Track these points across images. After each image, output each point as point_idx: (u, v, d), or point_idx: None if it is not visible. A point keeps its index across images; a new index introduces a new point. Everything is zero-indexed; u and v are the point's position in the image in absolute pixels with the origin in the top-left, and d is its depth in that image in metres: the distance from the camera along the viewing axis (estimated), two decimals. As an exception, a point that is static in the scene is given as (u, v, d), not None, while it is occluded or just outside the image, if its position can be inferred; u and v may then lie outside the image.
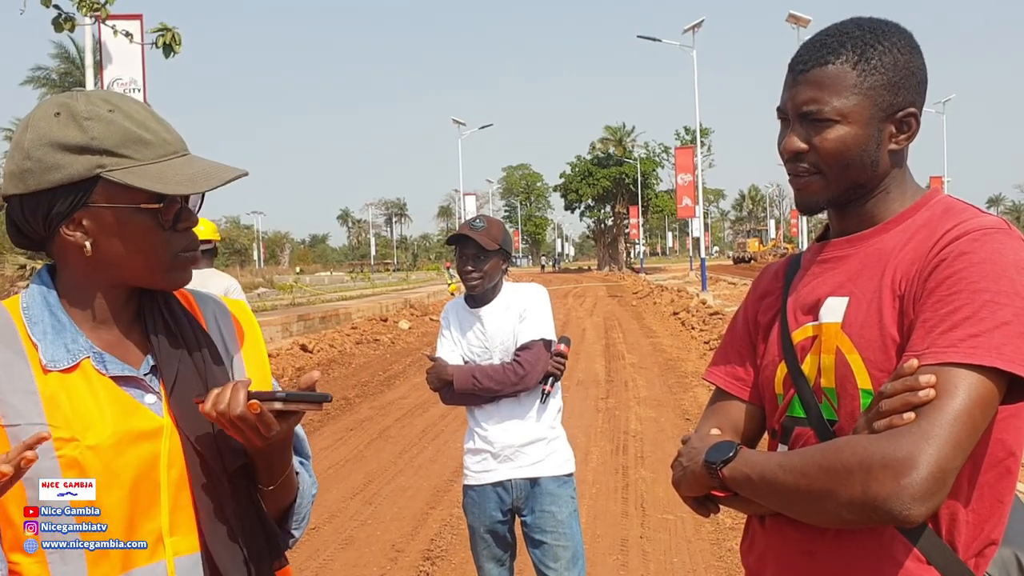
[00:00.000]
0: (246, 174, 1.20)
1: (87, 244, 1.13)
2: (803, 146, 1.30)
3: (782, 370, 1.37)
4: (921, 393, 1.10)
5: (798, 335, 1.36)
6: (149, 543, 1.14)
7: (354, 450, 7.57)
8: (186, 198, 1.18)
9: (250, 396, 1.12)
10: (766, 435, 1.46)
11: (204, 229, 5.21)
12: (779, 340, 1.39)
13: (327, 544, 5.08)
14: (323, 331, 17.81)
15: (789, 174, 1.35)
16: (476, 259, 2.95)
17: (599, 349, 14.37)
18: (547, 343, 2.99)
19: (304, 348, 14.42)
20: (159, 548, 1.14)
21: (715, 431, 1.42)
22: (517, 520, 3.07)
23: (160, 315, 1.23)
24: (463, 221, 2.95)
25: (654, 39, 30.90)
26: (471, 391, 2.94)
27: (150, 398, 1.17)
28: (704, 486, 1.32)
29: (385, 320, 20.31)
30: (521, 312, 2.99)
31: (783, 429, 1.37)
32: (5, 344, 1.11)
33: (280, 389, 1.20)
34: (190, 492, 1.17)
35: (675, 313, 19.69)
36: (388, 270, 78.93)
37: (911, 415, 1.10)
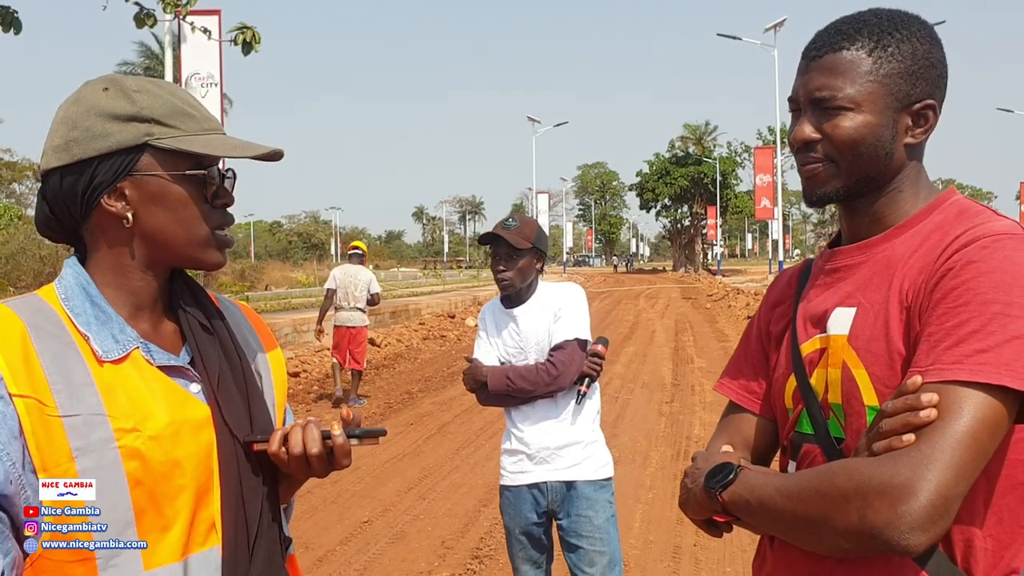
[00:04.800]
0: (281, 153, 1.22)
1: (128, 215, 1.14)
2: (815, 134, 1.23)
3: (792, 384, 1.31)
4: (922, 413, 1.02)
5: (807, 347, 1.29)
6: (202, 530, 1.15)
7: (412, 444, 7.63)
8: (223, 179, 1.21)
9: (325, 435, 1.20)
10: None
11: (358, 243, 10.20)
12: (789, 352, 1.33)
13: (378, 538, 5.11)
14: (392, 326, 18.06)
15: (798, 165, 1.28)
16: (508, 258, 2.92)
17: (667, 352, 14.15)
18: (582, 343, 2.94)
19: (372, 342, 14.63)
20: (212, 534, 1.16)
21: (726, 448, 1.36)
22: (554, 523, 3.03)
23: (193, 305, 1.24)
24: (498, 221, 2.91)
25: (734, 37, 30.35)
26: (505, 392, 2.91)
27: (195, 387, 1.18)
28: (707, 510, 1.26)
29: (453, 317, 20.47)
30: (556, 311, 2.94)
31: (792, 445, 1.31)
32: (55, 336, 1.10)
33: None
34: (219, 483, 1.18)
35: (749, 317, 19.21)
36: (460, 267, 79.60)
37: (911, 437, 1.02)
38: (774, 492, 1.13)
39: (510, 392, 2.90)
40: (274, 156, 1.22)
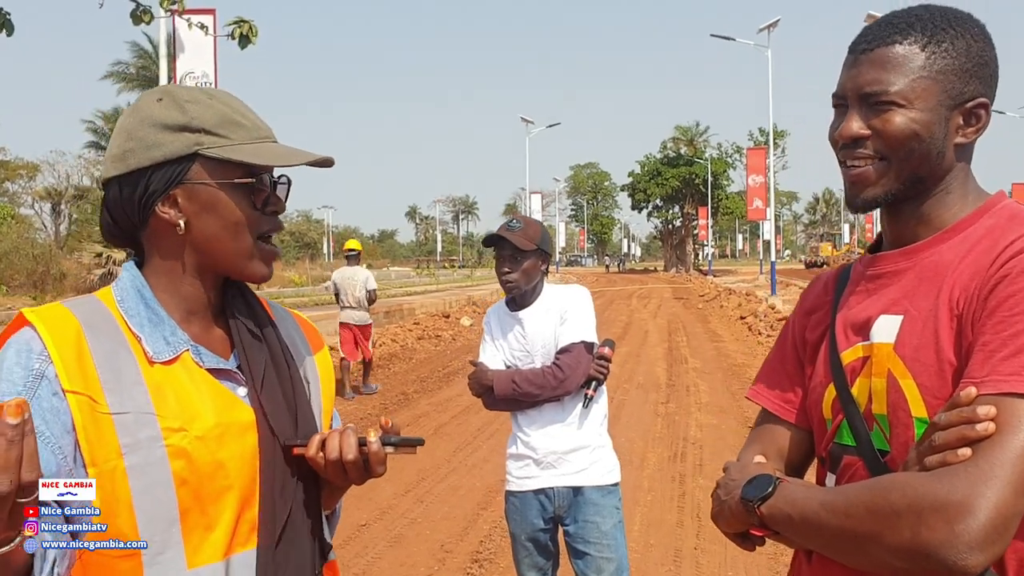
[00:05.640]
0: (331, 160, 1.24)
1: (181, 222, 1.17)
2: (864, 131, 1.18)
3: (831, 393, 1.26)
4: (979, 427, 0.97)
5: (848, 356, 1.24)
6: (244, 531, 1.16)
7: (409, 446, 7.58)
8: (275, 187, 1.24)
9: (360, 442, 1.20)
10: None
11: (353, 242, 10.74)
12: (827, 360, 1.28)
13: (376, 542, 5.07)
14: (386, 325, 17.98)
15: (843, 163, 1.22)
16: (513, 260, 2.88)
17: (661, 352, 14.14)
18: (588, 346, 2.90)
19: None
20: (253, 535, 1.18)
21: (759, 458, 1.31)
22: (560, 529, 2.99)
23: (244, 311, 1.27)
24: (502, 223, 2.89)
25: (728, 38, 30.36)
26: (511, 396, 2.88)
27: (242, 391, 1.21)
28: (742, 523, 1.21)
29: (447, 317, 20.40)
30: (562, 314, 2.90)
31: (831, 457, 1.26)
32: (108, 336, 1.13)
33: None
34: (259, 487, 1.20)
35: (742, 317, 19.26)
36: (453, 267, 79.52)
37: (967, 451, 0.98)
38: (818, 506, 1.08)
39: (516, 396, 2.86)
40: (324, 163, 1.24)
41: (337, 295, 10.41)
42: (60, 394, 1.06)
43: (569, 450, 2.88)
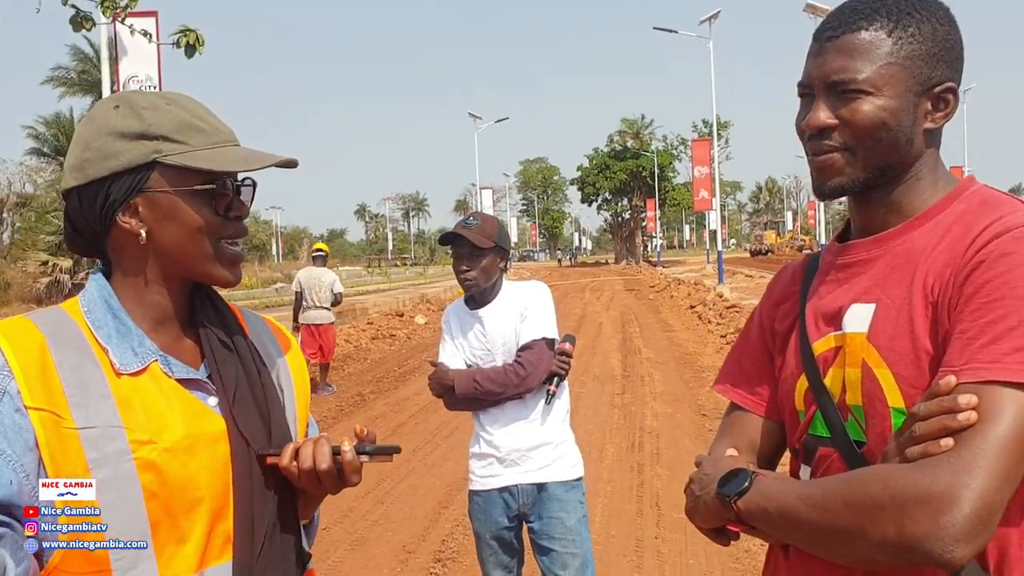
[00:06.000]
0: (295, 161, 1.22)
1: (142, 232, 1.15)
2: (832, 120, 1.16)
3: (802, 384, 1.24)
4: (960, 416, 0.96)
5: (820, 346, 1.22)
6: (218, 544, 1.15)
7: (367, 448, 7.51)
8: (238, 191, 1.21)
9: (334, 451, 1.19)
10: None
11: (321, 244, 10.92)
12: (798, 351, 1.26)
13: (337, 545, 5.01)
14: (339, 326, 17.75)
15: (810, 153, 1.20)
16: (471, 258, 2.85)
17: (616, 344, 14.26)
18: (549, 342, 2.89)
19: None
20: (228, 547, 1.16)
21: (731, 451, 1.29)
22: (525, 526, 2.98)
23: (213, 319, 1.25)
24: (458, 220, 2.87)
25: (670, 30, 30.69)
26: (473, 395, 2.85)
27: (212, 400, 1.19)
28: (719, 518, 1.18)
29: (401, 315, 20.26)
30: (522, 311, 2.89)
31: (805, 448, 1.24)
32: (74, 349, 1.11)
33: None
34: (233, 499, 1.18)
35: (692, 307, 19.52)
36: (405, 264, 78.98)
37: (949, 441, 0.96)
38: (796, 501, 1.06)
39: (478, 395, 2.84)
40: (287, 164, 1.22)
41: (300, 295, 10.42)
42: (22, 411, 1.04)
43: (532, 447, 2.86)
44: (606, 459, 6.66)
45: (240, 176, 1.22)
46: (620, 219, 73.43)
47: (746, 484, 1.13)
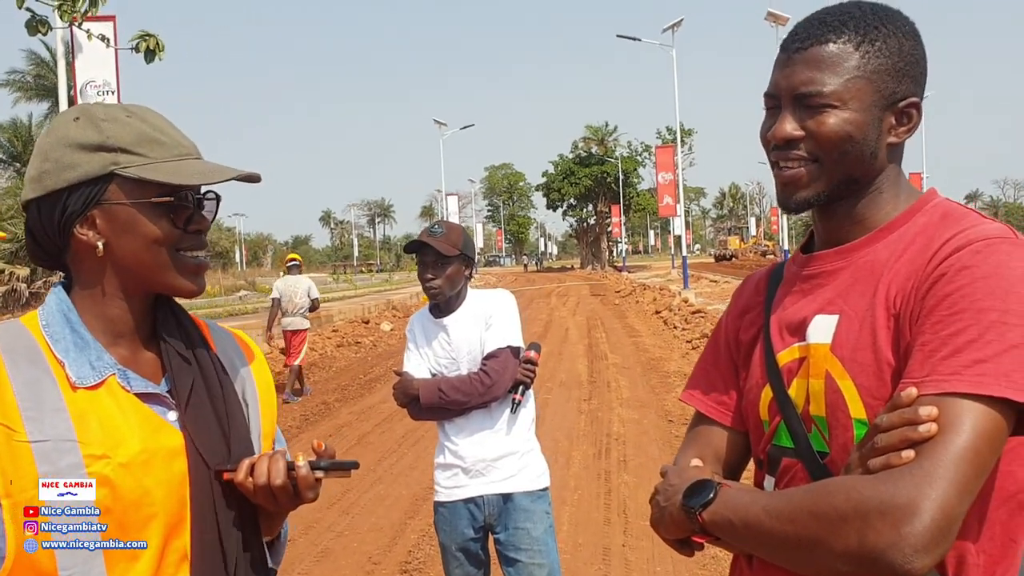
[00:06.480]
0: (257, 176, 1.21)
1: (99, 244, 1.15)
2: (798, 132, 1.16)
3: (767, 394, 1.25)
4: (921, 428, 0.97)
5: (784, 356, 1.23)
6: (173, 560, 1.14)
7: (332, 457, 7.42)
8: (199, 204, 1.20)
9: (289, 466, 1.18)
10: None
11: (294, 255, 11.36)
12: (763, 361, 1.26)
13: (302, 557, 4.94)
14: (303, 334, 17.57)
15: (775, 164, 1.20)
16: (436, 266, 2.83)
17: (582, 349, 14.28)
18: (515, 350, 2.88)
19: (284, 352, 14.20)
20: (184, 565, 1.15)
21: (696, 462, 1.29)
22: (491, 537, 2.95)
23: (175, 333, 1.24)
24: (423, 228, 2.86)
25: (634, 38, 30.92)
26: (438, 405, 2.82)
27: (172, 415, 1.18)
28: (683, 529, 1.18)
29: (367, 322, 20.12)
30: (487, 319, 2.87)
31: (769, 459, 1.25)
32: (31, 362, 1.11)
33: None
34: (190, 515, 1.16)
35: (657, 312, 19.64)
36: (371, 271, 78.53)
37: (910, 453, 0.97)
38: (761, 512, 1.07)
39: (443, 405, 2.81)
40: (250, 179, 1.21)
41: (278, 302, 10.86)
42: None
43: (498, 457, 2.84)
44: (573, 466, 6.65)
45: (203, 189, 1.21)
46: (585, 224, 73.85)
47: (711, 495, 1.14)
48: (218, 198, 1.25)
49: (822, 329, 1.17)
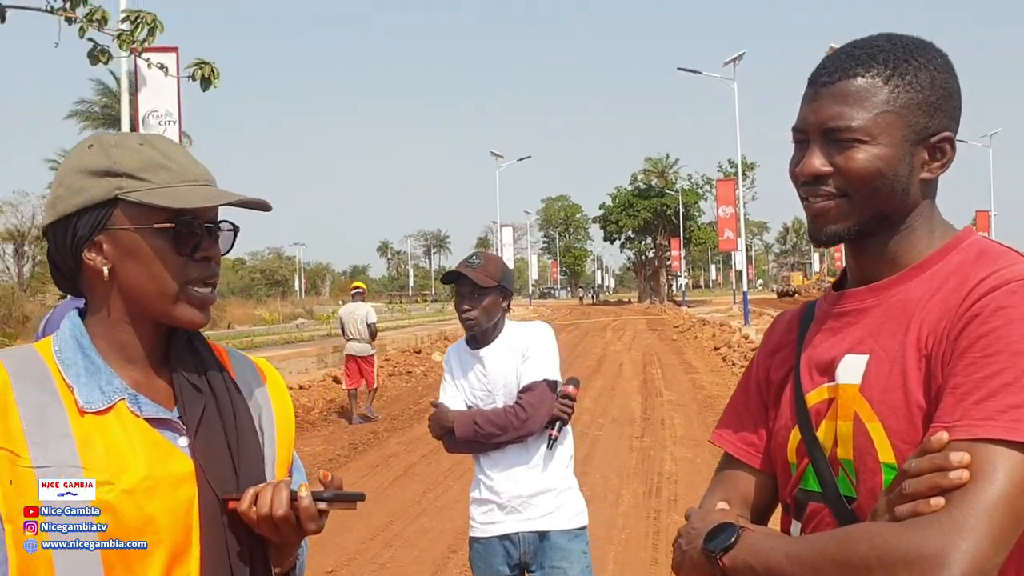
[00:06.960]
0: (266, 204, 1.22)
1: (105, 269, 1.16)
2: (826, 168, 1.13)
3: (795, 436, 1.20)
4: (952, 475, 0.92)
5: (812, 397, 1.18)
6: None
7: (378, 487, 7.40)
8: (211, 232, 1.20)
9: (292, 496, 1.15)
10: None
11: (358, 283, 12.40)
12: (792, 402, 1.21)
13: (342, 588, 4.88)
14: (358, 363, 17.71)
15: (804, 199, 1.17)
16: (472, 297, 2.80)
17: (636, 385, 14.07)
18: (551, 384, 2.81)
19: (336, 380, 14.33)
20: None
21: (722, 505, 1.25)
22: None
23: (187, 359, 1.23)
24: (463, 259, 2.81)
25: (695, 71, 30.85)
26: (473, 438, 2.77)
27: (183, 440, 1.18)
28: (704, 574, 1.14)
29: (419, 352, 20.20)
30: (524, 351, 2.82)
31: (796, 503, 1.20)
32: (40, 387, 1.12)
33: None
34: (200, 542, 1.15)
35: (716, 348, 19.27)
36: (425, 301, 79.26)
37: (940, 501, 0.92)
38: (783, 559, 1.02)
39: (478, 438, 2.76)
40: (258, 206, 1.22)
41: (343, 328, 11.54)
42: None
43: (534, 493, 2.77)
44: (622, 505, 6.50)
45: (218, 218, 1.21)
46: (644, 258, 73.31)
47: (732, 539, 1.10)
48: (236, 229, 1.25)
49: (852, 369, 1.13)
